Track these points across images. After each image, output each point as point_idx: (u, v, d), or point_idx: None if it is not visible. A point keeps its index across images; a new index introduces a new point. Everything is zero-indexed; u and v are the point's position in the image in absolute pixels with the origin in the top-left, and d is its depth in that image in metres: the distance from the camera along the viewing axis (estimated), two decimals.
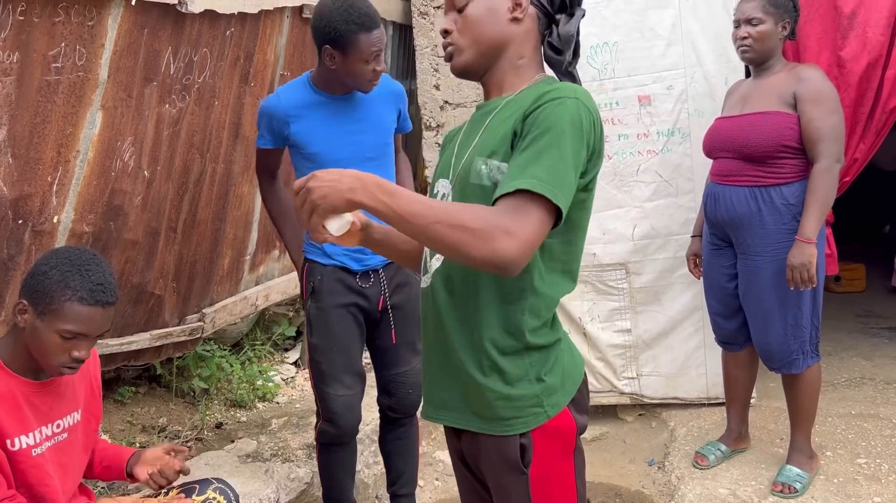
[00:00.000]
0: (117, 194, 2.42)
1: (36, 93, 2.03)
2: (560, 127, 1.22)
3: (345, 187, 1.19)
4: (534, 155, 1.21)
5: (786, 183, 2.55)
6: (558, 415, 1.34)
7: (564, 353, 1.38)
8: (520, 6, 1.37)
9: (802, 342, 2.62)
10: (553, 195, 1.19)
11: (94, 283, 1.56)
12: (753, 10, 2.56)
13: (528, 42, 1.39)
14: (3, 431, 1.56)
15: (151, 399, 3.29)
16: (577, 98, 1.26)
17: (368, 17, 2.14)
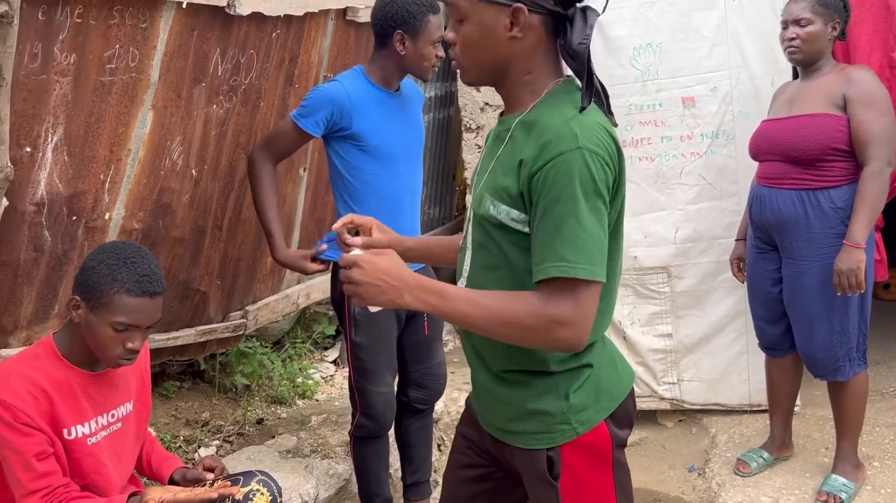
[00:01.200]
0: (166, 192, 2.48)
1: (91, 93, 2.09)
2: (571, 191, 1.18)
3: (391, 293, 1.23)
4: (553, 228, 1.19)
5: (834, 186, 2.51)
6: (591, 431, 1.34)
7: (602, 370, 1.37)
8: (516, 24, 1.26)
9: (849, 349, 2.57)
10: (588, 273, 1.18)
11: (140, 275, 1.60)
12: (802, 11, 2.52)
13: (535, 55, 1.29)
14: (60, 420, 1.62)
15: (195, 394, 3.36)
16: (579, 147, 1.19)
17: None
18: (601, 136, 1.23)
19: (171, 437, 3.00)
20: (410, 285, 1.24)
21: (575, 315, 1.19)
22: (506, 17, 1.25)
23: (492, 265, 1.32)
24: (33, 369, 1.62)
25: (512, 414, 1.37)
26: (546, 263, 1.19)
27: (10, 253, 2.08)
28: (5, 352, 2.15)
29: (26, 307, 2.21)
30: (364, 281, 1.23)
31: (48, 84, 1.97)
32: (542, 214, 1.21)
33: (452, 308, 1.23)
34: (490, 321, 1.22)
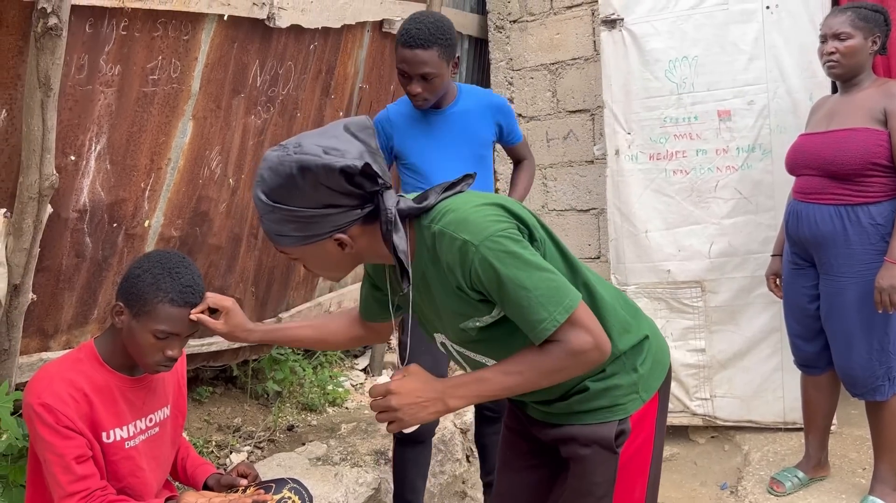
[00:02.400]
0: (204, 201, 2.52)
1: (134, 103, 2.14)
2: (500, 276, 1.26)
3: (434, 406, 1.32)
4: (516, 307, 1.28)
5: (874, 202, 2.46)
6: (650, 400, 1.46)
7: (654, 339, 1.50)
8: (344, 244, 1.32)
9: (889, 368, 2.52)
10: (566, 311, 1.27)
11: (183, 285, 1.63)
12: (842, 25, 2.48)
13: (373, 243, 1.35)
14: (99, 423, 1.65)
15: (227, 399, 3.39)
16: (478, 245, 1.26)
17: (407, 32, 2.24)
18: (482, 214, 1.30)
19: (204, 442, 3.04)
20: (447, 391, 1.33)
21: (588, 338, 1.30)
22: (332, 244, 1.32)
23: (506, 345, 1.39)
24: (75, 373, 1.66)
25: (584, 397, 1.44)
26: (535, 330, 1.29)
27: (53, 258, 2.14)
28: (46, 356, 2.20)
29: (67, 311, 2.26)
30: (404, 404, 1.31)
31: (93, 94, 2.02)
32: (501, 301, 1.31)
33: (495, 388, 1.32)
34: (532, 381, 1.32)
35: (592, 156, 3.91)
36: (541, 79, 4.13)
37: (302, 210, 1.27)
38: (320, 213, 1.28)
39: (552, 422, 1.50)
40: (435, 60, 2.23)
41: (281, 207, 1.28)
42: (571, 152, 4.06)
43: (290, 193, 1.27)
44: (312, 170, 1.25)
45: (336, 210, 1.28)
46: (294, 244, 1.32)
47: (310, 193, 1.26)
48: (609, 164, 3.29)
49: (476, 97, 2.46)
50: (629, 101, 3.21)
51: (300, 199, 1.27)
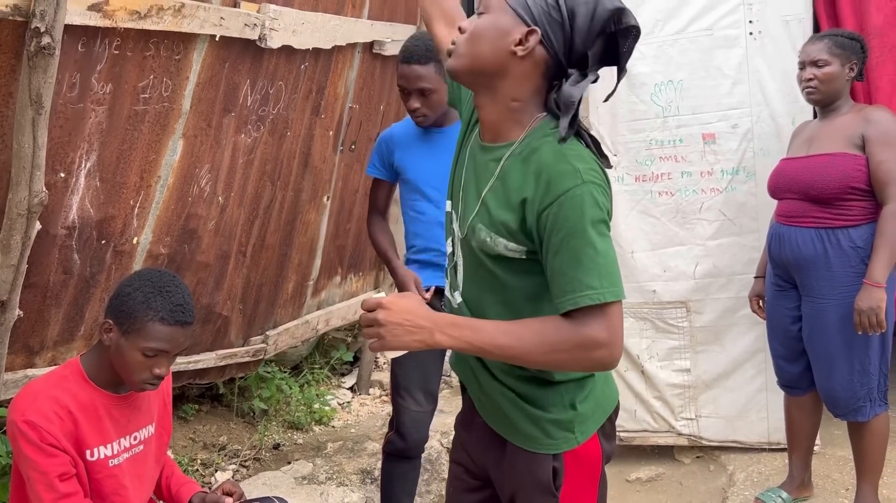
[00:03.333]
0: (193, 218, 2.53)
1: (125, 121, 2.16)
2: (583, 224, 1.22)
3: (421, 333, 1.24)
4: (574, 260, 1.23)
5: (854, 225, 2.51)
6: (588, 442, 1.40)
7: (599, 383, 1.43)
8: (523, 44, 1.28)
9: (870, 389, 2.55)
10: (614, 294, 1.23)
11: (174, 304, 1.65)
12: (819, 52, 2.54)
13: (526, 85, 1.31)
14: (83, 441, 1.65)
15: (213, 417, 3.39)
16: (584, 182, 1.24)
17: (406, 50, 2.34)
18: (597, 167, 1.29)
19: (189, 460, 3.02)
20: (440, 323, 1.26)
21: (609, 335, 1.23)
22: (519, 32, 1.28)
23: (488, 288, 1.37)
24: (60, 390, 1.66)
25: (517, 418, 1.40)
26: (574, 294, 1.23)
27: (40, 275, 2.14)
28: (31, 373, 2.20)
29: (53, 328, 2.26)
30: (391, 321, 1.24)
31: (84, 112, 2.03)
32: (557, 249, 1.24)
33: (487, 340, 1.25)
34: (527, 350, 1.25)
35: None
36: None
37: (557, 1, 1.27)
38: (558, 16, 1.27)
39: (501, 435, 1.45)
40: (432, 76, 2.29)
41: None
42: None
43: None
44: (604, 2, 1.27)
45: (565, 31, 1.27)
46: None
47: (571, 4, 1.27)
48: None
49: None
50: (615, 123, 3.25)
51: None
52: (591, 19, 1.27)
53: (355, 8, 3.06)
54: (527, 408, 1.39)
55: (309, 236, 3.27)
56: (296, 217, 3.12)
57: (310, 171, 3.09)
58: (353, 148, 3.38)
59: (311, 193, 3.17)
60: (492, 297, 1.37)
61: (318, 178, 3.18)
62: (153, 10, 2.03)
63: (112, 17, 1.94)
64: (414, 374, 2.45)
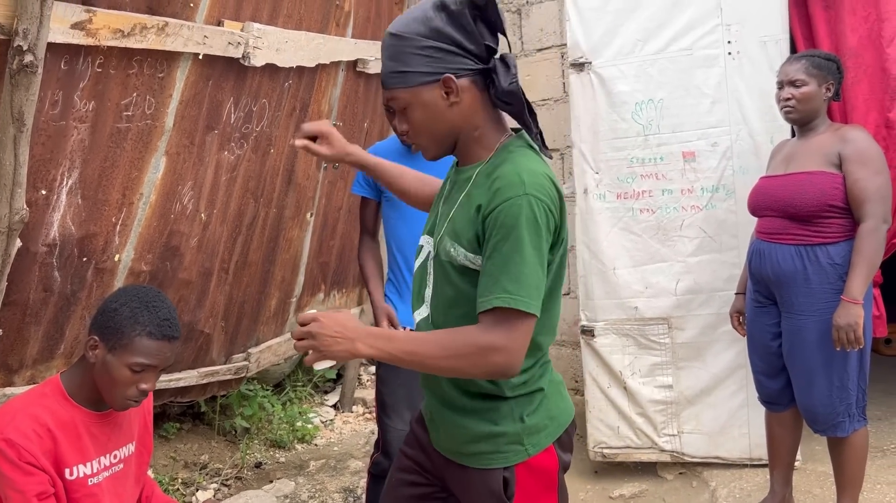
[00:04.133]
0: (175, 235, 2.52)
1: (107, 139, 2.16)
2: (518, 231, 1.30)
3: (346, 343, 1.34)
4: (501, 263, 1.31)
5: (832, 242, 2.54)
6: (541, 454, 1.45)
7: (552, 398, 1.49)
8: (451, 91, 1.37)
9: (849, 405, 2.57)
10: (526, 305, 1.30)
11: (161, 319, 1.65)
12: (796, 72, 2.59)
13: (477, 112, 1.41)
14: (62, 459, 1.63)
15: (194, 436, 3.35)
16: (526, 194, 1.31)
17: None
18: (546, 184, 1.35)
19: (170, 480, 2.99)
20: (362, 334, 1.35)
21: (509, 343, 1.31)
22: (440, 89, 1.37)
23: (452, 302, 1.42)
24: (39, 408, 1.64)
25: (468, 437, 1.46)
26: (491, 295, 1.31)
27: (21, 292, 2.12)
28: (10, 391, 2.17)
29: (32, 346, 2.24)
30: (322, 333, 1.33)
31: (66, 130, 2.03)
32: (490, 251, 1.33)
33: (399, 348, 1.35)
34: (430, 355, 1.33)
35: None
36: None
37: (425, 41, 1.36)
38: (441, 46, 1.36)
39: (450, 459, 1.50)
40: None
41: (407, 37, 1.37)
42: None
43: (420, 25, 1.36)
44: (447, 3, 1.36)
45: (455, 49, 1.36)
46: (405, 83, 1.38)
47: (436, 26, 1.36)
48: (578, 203, 3.35)
49: None
50: (597, 141, 3.29)
51: (427, 31, 1.36)
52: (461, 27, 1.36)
53: (339, 26, 3.08)
54: (477, 426, 1.44)
55: (292, 253, 3.27)
56: (279, 234, 3.12)
57: (293, 188, 3.10)
58: (336, 166, 3.39)
59: (294, 210, 3.17)
60: (456, 311, 1.42)
61: (302, 195, 3.18)
62: (136, 28, 2.04)
63: (95, 36, 1.94)
64: (400, 392, 2.44)
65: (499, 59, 1.39)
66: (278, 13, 2.66)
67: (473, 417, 1.44)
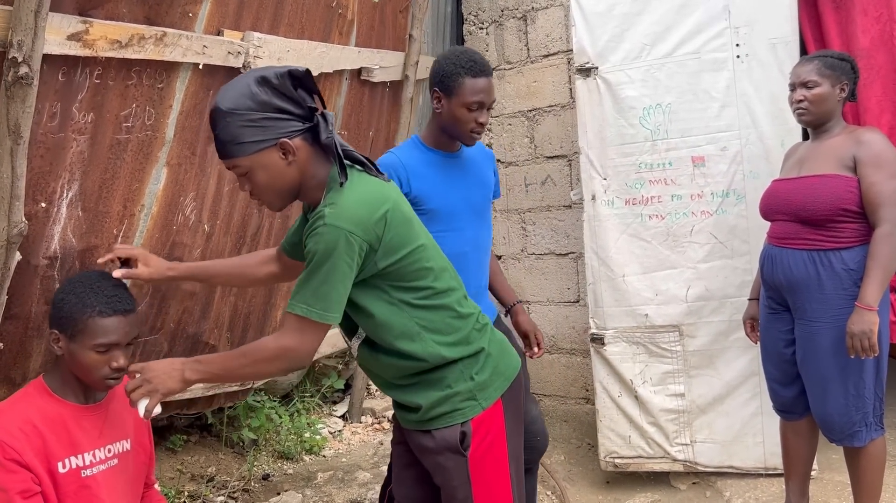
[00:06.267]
0: (178, 247, 2.51)
1: (107, 150, 2.14)
2: (319, 255, 1.51)
3: (175, 375, 1.58)
4: (305, 276, 1.54)
5: (846, 247, 2.48)
6: (492, 406, 1.67)
7: (494, 355, 1.72)
8: (289, 151, 1.55)
9: (865, 414, 2.51)
10: (320, 317, 1.52)
11: (108, 296, 1.69)
12: (808, 74, 2.54)
13: (311, 162, 1.59)
14: (53, 454, 1.64)
15: (202, 448, 3.33)
16: (328, 224, 1.50)
17: (475, 62, 2.15)
18: (353, 212, 1.53)
19: (176, 492, 2.97)
20: (186, 366, 1.59)
21: (300, 345, 1.54)
22: (276, 152, 1.55)
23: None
24: (25, 405, 1.66)
25: (427, 406, 1.66)
26: (295, 300, 1.54)
27: (22, 306, 2.11)
28: None
29: (35, 359, 2.22)
30: (154, 376, 1.57)
31: (65, 142, 2.02)
32: (304, 267, 1.55)
33: (213, 369, 1.59)
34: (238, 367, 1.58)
35: (570, 201, 3.94)
36: (519, 125, 4.18)
37: (256, 113, 1.53)
38: (272, 116, 1.53)
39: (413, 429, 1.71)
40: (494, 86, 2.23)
41: (238, 112, 1.52)
42: (549, 197, 4.10)
43: (248, 100, 1.53)
44: (268, 78, 1.53)
45: (284, 116, 1.54)
46: (244, 152, 1.54)
47: (263, 99, 1.53)
48: (586, 209, 3.31)
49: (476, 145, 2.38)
50: (604, 147, 3.25)
51: (256, 105, 1.53)
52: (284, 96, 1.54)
53: (342, 35, 3.06)
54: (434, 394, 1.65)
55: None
56: None
57: None
58: None
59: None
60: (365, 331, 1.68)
61: None
62: (134, 38, 2.03)
63: (92, 47, 1.93)
64: None
65: (320, 115, 1.60)
66: (279, 22, 2.64)
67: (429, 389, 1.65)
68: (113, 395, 1.80)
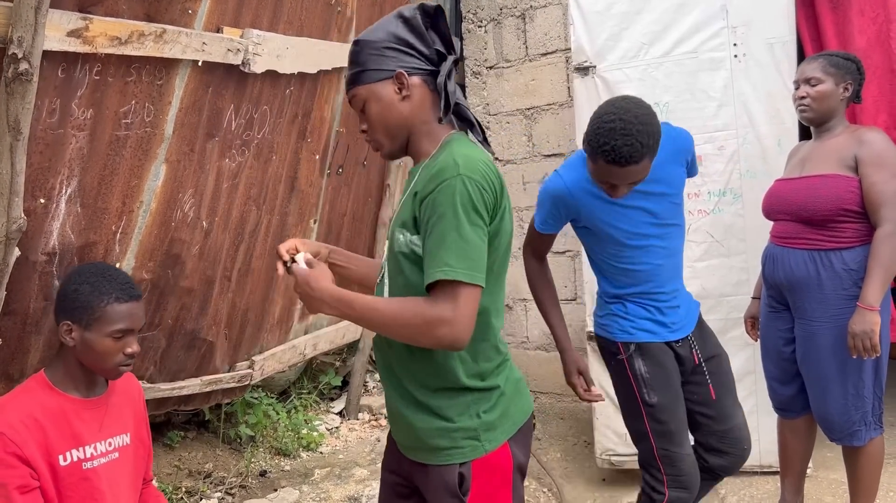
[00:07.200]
0: (176, 243, 2.51)
1: (106, 147, 2.15)
2: (453, 209, 1.37)
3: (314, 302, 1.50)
4: (439, 240, 1.38)
5: (847, 247, 2.49)
6: (497, 450, 1.50)
7: (510, 396, 1.54)
8: (403, 86, 1.51)
9: (864, 413, 2.52)
10: (468, 276, 1.36)
11: (121, 283, 1.71)
12: (813, 71, 2.54)
13: (425, 108, 1.53)
14: (54, 447, 1.64)
15: (199, 444, 3.34)
16: (459, 175, 1.38)
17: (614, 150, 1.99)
18: (481, 167, 1.42)
19: (173, 488, 2.98)
20: (326, 297, 1.48)
21: (454, 315, 1.36)
22: (393, 84, 1.51)
23: (403, 290, 1.49)
24: (26, 399, 1.66)
25: (426, 432, 1.50)
26: (432, 269, 1.37)
27: (20, 302, 2.11)
28: None
29: (33, 355, 2.23)
30: (296, 290, 1.53)
31: (65, 138, 2.02)
32: (430, 231, 1.40)
33: (359, 313, 1.44)
34: (386, 322, 1.42)
35: None
36: (517, 123, 4.19)
37: (382, 43, 1.51)
38: (395, 46, 1.51)
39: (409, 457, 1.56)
40: (645, 168, 2.03)
41: (368, 41, 1.52)
42: None
43: (380, 31, 1.52)
44: (403, 11, 1.52)
45: (408, 50, 1.51)
46: (362, 80, 1.51)
47: (392, 30, 1.51)
48: None
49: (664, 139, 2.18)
50: None
51: (385, 35, 1.51)
52: (414, 30, 1.52)
53: (341, 32, 3.07)
54: (435, 421, 1.49)
55: None
56: (282, 241, 3.10)
57: (296, 195, 3.08)
58: (340, 171, 3.38)
59: (297, 217, 3.15)
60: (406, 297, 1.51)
61: (305, 201, 3.17)
62: (134, 35, 2.03)
63: (92, 43, 1.93)
64: (681, 416, 2.26)
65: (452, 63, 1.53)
66: (279, 20, 2.65)
67: (430, 413, 1.49)
68: (113, 389, 1.81)
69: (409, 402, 1.53)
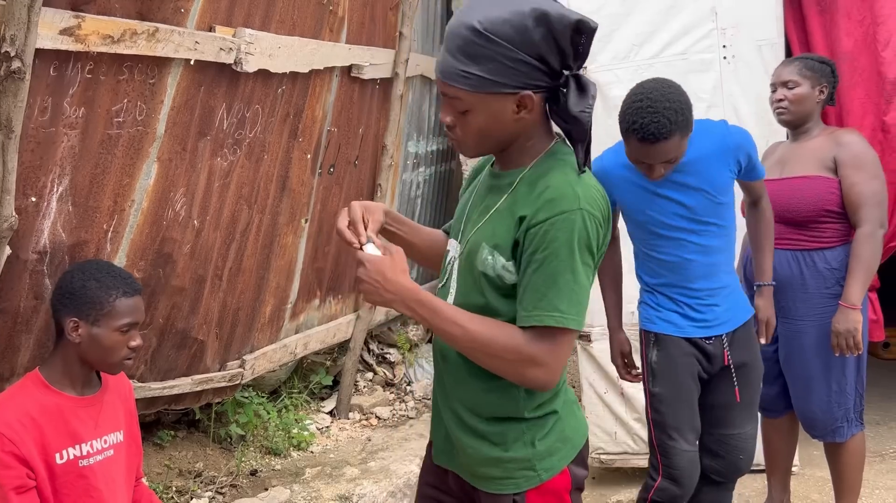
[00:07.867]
0: (167, 242, 2.51)
1: (98, 145, 2.14)
2: (569, 248, 1.25)
3: (382, 298, 1.30)
4: (549, 279, 1.26)
5: (829, 247, 2.53)
6: (556, 478, 1.39)
7: (565, 420, 1.43)
8: (524, 107, 1.29)
9: (847, 410, 2.56)
10: (577, 324, 1.27)
11: (124, 278, 1.75)
12: (790, 74, 2.58)
13: (537, 123, 1.34)
14: (51, 445, 1.65)
15: (189, 443, 3.33)
16: (580, 209, 1.25)
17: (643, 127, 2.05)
18: (599, 199, 1.31)
19: (164, 488, 2.97)
20: (404, 295, 1.30)
21: (552, 359, 1.28)
22: (512, 102, 1.28)
23: (480, 311, 1.36)
24: (22, 398, 1.67)
25: (479, 459, 1.40)
26: (539, 311, 1.26)
27: (11, 300, 2.11)
28: None
29: (24, 354, 2.22)
30: (363, 279, 1.30)
31: (56, 136, 2.02)
32: (537, 264, 1.26)
33: (440, 325, 1.30)
34: (472, 346, 1.30)
35: None
36: None
37: (514, 52, 1.23)
38: (529, 61, 1.24)
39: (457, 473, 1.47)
40: (676, 145, 2.07)
41: (494, 40, 1.23)
42: None
43: (514, 32, 1.23)
44: (550, 17, 1.23)
45: (541, 66, 1.25)
46: (476, 87, 1.26)
47: (532, 39, 1.23)
48: None
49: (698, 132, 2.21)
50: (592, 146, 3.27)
51: (520, 42, 1.23)
52: (557, 47, 1.25)
53: (333, 32, 3.07)
54: (485, 448, 1.39)
55: (287, 259, 3.26)
56: (273, 240, 3.10)
57: (287, 194, 3.09)
58: (331, 170, 3.38)
59: (288, 216, 3.16)
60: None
61: (296, 200, 3.17)
62: (126, 34, 2.03)
63: (84, 42, 1.93)
64: (684, 412, 2.25)
65: (573, 77, 1.28)
66: (271, 19, 2.65)
67: (484, 441, 1.39)
68: (107, 387, 1.81)
69: (463, 428, 1.42)
